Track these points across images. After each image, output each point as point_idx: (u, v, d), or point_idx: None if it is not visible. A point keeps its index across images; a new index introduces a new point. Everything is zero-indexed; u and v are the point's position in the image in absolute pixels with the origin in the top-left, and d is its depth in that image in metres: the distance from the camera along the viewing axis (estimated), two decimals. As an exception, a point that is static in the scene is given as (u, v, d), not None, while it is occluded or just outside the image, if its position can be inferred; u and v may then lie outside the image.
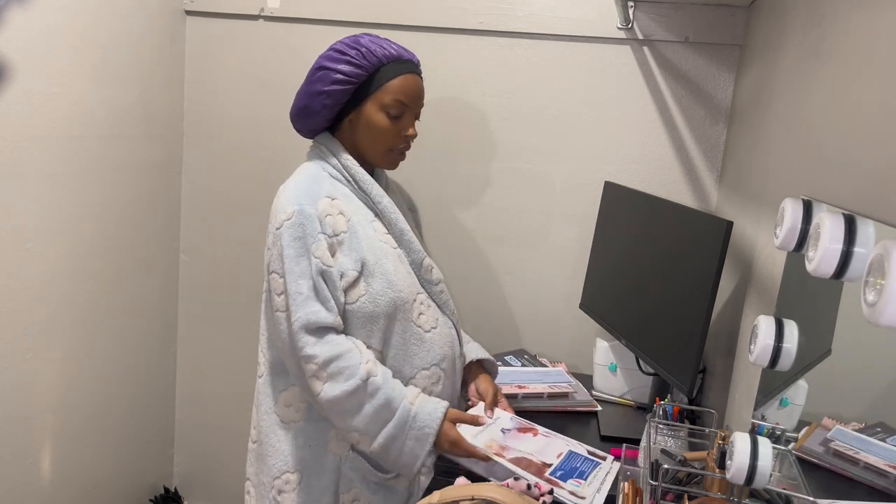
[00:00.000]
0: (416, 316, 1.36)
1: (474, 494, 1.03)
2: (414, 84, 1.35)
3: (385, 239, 1.36)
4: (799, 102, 1.12)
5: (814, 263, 0.65)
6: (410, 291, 1.36)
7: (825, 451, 0.78)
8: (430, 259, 1.43)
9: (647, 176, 1.90)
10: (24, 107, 1.63)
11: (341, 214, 1.32)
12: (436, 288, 1.42)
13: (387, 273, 1.32)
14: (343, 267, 1.29)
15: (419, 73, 1.37)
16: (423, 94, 1.38)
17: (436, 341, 1.38)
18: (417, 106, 1.38)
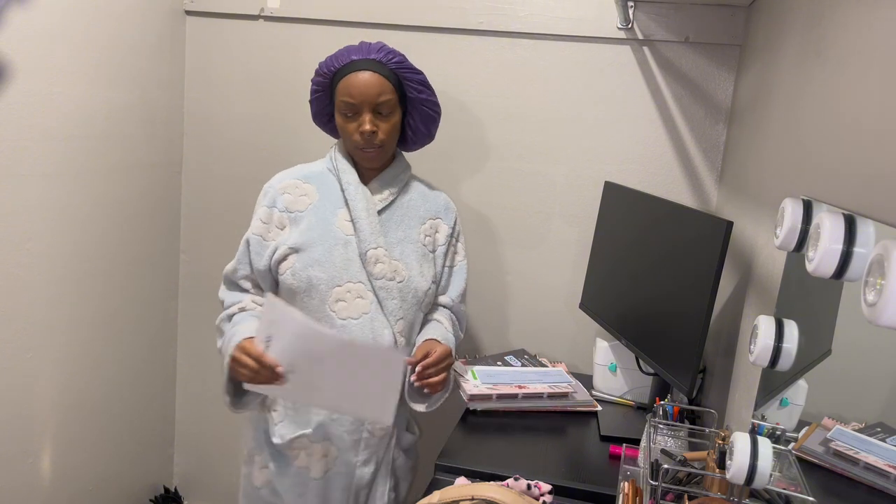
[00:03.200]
0: (332, 301, 1.41)
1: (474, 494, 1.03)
2: (357, 81, 1.38)
3: (343, 226, 1.44)
4: (799, 102, 1.12)
5: (814, 263, 0.65)
6: (337, 277, 1.41)
7: (825, 451, 0.78)
8: (380, 253, 1.43)
9: (647, 176, 1.90)
10: (24, 107, 1.63)
11: (305, 196, 1.47)
12: (377, 282, 1.43)
13: (314, 254, 1.41)
14: (282, 241, 1.44)
15: (371, 69, 1.38)
16: (376, 87, 1.38)
17: (349, 331, 1.41)
18: (366, 101, 1.39)
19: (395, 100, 1.42)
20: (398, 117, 1.44)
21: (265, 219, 1.47)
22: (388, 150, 1.45)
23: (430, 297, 1.52)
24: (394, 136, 1.45)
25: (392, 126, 1.43)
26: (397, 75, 1.43)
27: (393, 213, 1.49)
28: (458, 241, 1.60)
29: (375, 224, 1.44)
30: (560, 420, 1.60)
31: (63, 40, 1.72)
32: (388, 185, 1.50)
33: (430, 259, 1.52)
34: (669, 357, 1.40)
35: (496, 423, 1.55)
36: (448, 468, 1.36)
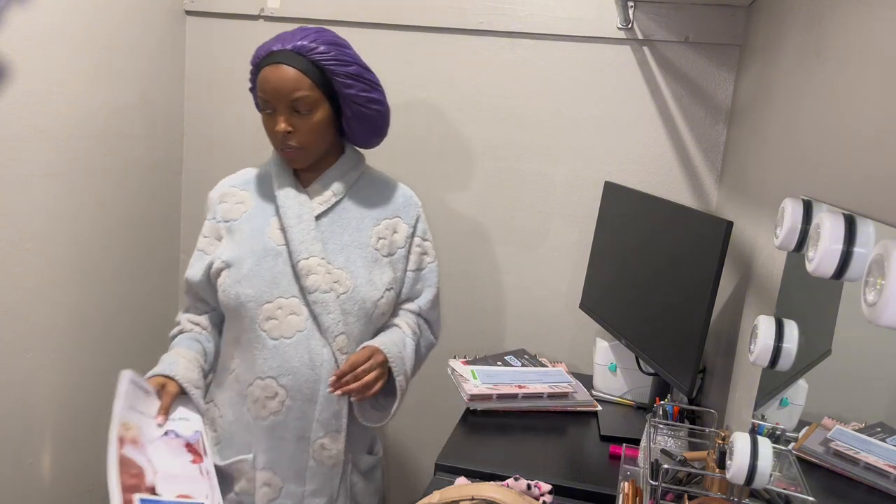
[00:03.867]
0: (262, 319, 1.29)
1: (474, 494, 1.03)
2: (270, 76, 1.25)
3: (275, 235, 1.33)
4: (799, 102, 1.12)
5: (814, 263, 0.65)
6: (267, 293, 1.29)
7: (825, 451, 0.78)
8: (313, 263, 1.29)
9: (647, 176, 1.90)
10: (24, 107, 1.63)
11: (241, 204, 1.37)
12: (311, 296, 1.29)
13: (242, 268, 1.30)
14: (218, 254, 1.35)
15: (287, 61, 1.24)
16: (290, 82, 1.24)
17: (282, 352, 1.29)
18: (280, 98, 1.25)
19: (315, 96, 1.26)
20: (323, 115, 1.28)
21: (207, 232, 1.39)
22: (312, 151, 1.31)
23: (385, 307, 1.37)
24: (318, 137, 1.29)
25: (314, 125, 1.28)
26: (321, 68, 1.26)
27: (338, 217, 1.36)
28: (424, 239, 1.45)
29: (310, 231, 1.31)
30: (560, 420, 1.60)
31: (63, 40, 1.72)
32: (330, 186, 1.37)
33: (384, 264, 1.37)
34: (669, 357, 1.40)
35: (496, 423, 1.55)
36: (448, 468, 1.36)
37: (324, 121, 1.29)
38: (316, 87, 1.26)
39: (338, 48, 1.28)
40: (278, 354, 1.29)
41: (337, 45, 1.28)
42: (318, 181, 1.36)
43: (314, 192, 1.35)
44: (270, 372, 1.30)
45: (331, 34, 1.30)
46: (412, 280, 1.44)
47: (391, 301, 1.39)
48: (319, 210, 1.34)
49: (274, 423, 1.31)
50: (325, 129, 1.30)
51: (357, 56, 1.31)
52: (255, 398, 1.32)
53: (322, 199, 1.35)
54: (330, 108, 1.29)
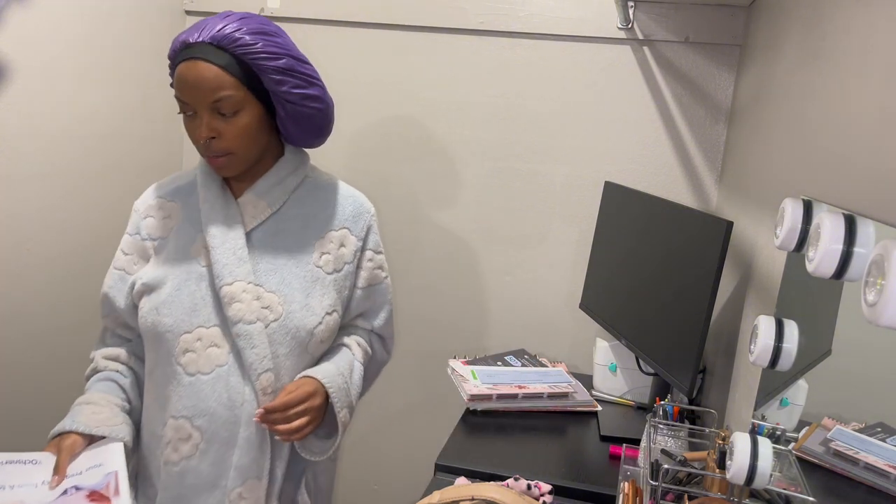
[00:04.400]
0: (179, 352, 1.13)
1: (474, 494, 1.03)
2: (186, 74, 1.07)
3: (199, 254, 1.16)
4: (799, 102, 1.12)
5: (814, 264, 0.65)
6: (185, 322, 1.13)
7: (825, 451, 0.78)
8: (237, 289, 1.12)
9: (647, 176, 1.90)
10: (24, 107, 1.63)
11: (168, 218, 1.20)
12: (234, 328, 1.12)
13: (161, 294, 1.15)
14: (139, 275, 1.19)
15: (204, 56, 1.06)
16: (208, 82, 1.06)
17: (198, 390, 1.13)
18: (198, 100, 1.08)
19: (239, 96, 1.08)
20: (252, 116, 1.11)
21: (127, 248, 1.22)
22: (241, 157, 1.13)
23: (325, 334, 1.20)
24: (248, 141, 1.12)
25: (241, 129, 1.10)
26: (246, 62, 1.08)
27: (274, 231, 1.19)
28: (377, 252, 1.29)
29: (237, 251, 1.14)
30: (560, 420, 1.60)
31: (63, 40, 1.72)
32: (266, 195, 1.19)
33: (327, 284, 1.20)
34: (669, 357, 1.40)
35: (496, 423, 1.55)
36: (448, 468, 1.36)
37: (253, 123, 1.11)
38: (241, 85, 1.08)
39: (266, 38, 1.09)
40: (194, 392, 1.13)
41: (265, 34, 1.10)
42: (252, 190, 1.18)
43: (246, 203, 1.18)
44: (184, 411, 1.13)
45: (258, 20, 1.11)
46: (362, 297, 1.28)
47: (332, 327, 1.22)
48: (252, 224, 1.17)
49: (185, 468, 1.14)
50: (255, 132, 1.13)
51: (290, 45, 1.14)
52: (167, 440, 1.15)
53: (255, 211, 1.18)
54: (261, 106, 1.12)
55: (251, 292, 1.13)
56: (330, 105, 1.20)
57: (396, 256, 2.09)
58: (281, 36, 1.13)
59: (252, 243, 1.17)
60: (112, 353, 1.24)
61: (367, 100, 2.05)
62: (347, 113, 2.06)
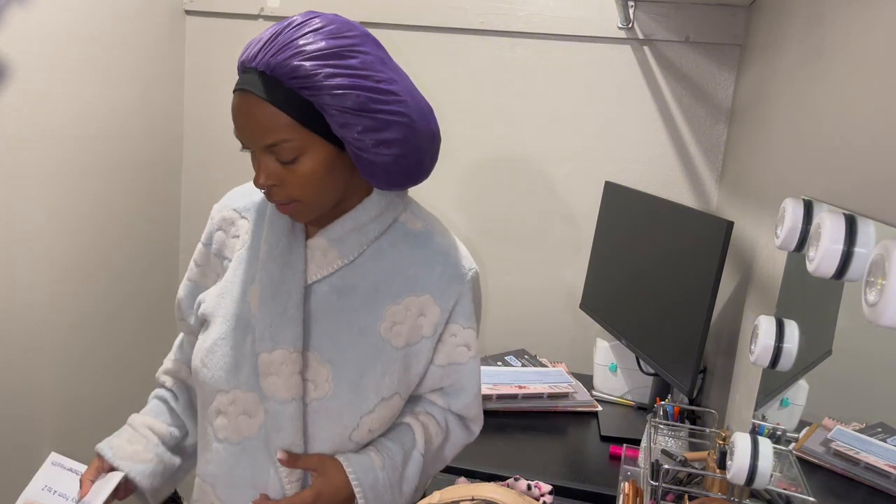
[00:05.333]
0: (213, 411, 0.98)
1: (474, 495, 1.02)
2: (236, 108, 0.88)
3: (254, 297, 0.97)
4: (799, 102, 1.12)
5: (814, 264, 0.65)
6: (223, 380, 0.96)
7: (826, 451, 0.77)
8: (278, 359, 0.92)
9: (647, 176, 1.90)
10: (24, 107, 1.63)
11: (237, 238, 1.02)
12: (265, 404, 0.94)
13: (210, 335, 0.98)
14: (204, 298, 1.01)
15: (252, 89, 0.85)
16: (258, 123, 0.86)
17: (224, 459, 0.98)
18: (249, 140, 0.89)
19: (299, 140, 0.86)
20: (319, 160, 0.88)
21: (199, 259, 1.06)
22: (313, 205, 0.91)
23: (376, 424, 0.98)
24: (317, 188, 0.89)
25: (306, 177, 0.88)
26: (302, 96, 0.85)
27: (341, 286, 0.97)
28: (465, 327, 1.01)
29: (290, 308, 0.93)
30: (560, 420, 1.59)
31: (63, 40, 1.71)
32: (339, 244, 0.96)
33: (393, 360, 0.97)
34: (670, 357, 1.40)
35: (496, 423, 1.55)
36: (448, 468, 1.36)
37: (320, 168, 0.88)
38: (300, 126, 0.86)
39: (334, 63, 0.84)
40: (220, 459, 0.98)
41: (335, 56, 0.84)
42: (323, 234, 0.97)
43: (315, 249, 0.97)
44: (209, 477, 1.00)
45: (329, 30, 0.86)
46: (440, 375, 1.03)
47: (387, 416, 0.99)
48: (317, 275, 0.96)
49: None
50: (325, 177, 0.89)
51: (371, 67, 0.87)
52: (194, 498, 1.05)
53: (324, 260, 0.96)
54: (331, 146, 0.89)
55: (293, 363, 0.93)
56: (419, 148, 0.92)
57: (396, 256, 2.09)
58: (358, 55, 0.86)
59: (312, 298, 0.96)
60: (173, 367, 1.11)
61: (367, 100, 2.05)
62: (347, 113, 2.06)
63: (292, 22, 0.87)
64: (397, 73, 0.92)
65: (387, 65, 0.90)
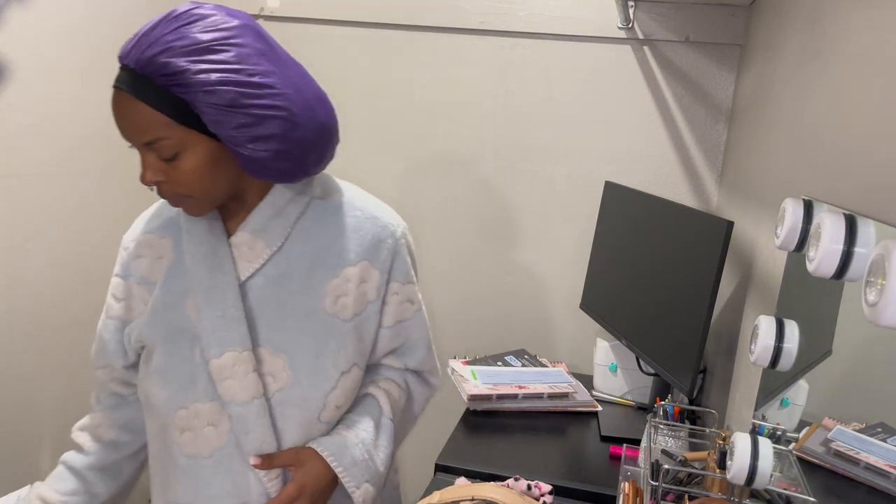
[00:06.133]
0: (175, 430, 0.95)
1: (474, 495, 1.02)
2: (112, 104, 0.86)
3: (193, 309, 0.95)
4: (799, 102, 1.12)
5: (814, 264, 0.65)
6: (180, 396, 0.94)
7: (826, 451, 0.77)
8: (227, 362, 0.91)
9: (647, 176, 1.90)
10: (23, 107, 1.63)
11: (161, 259, 0.99)
12: (227, 409, 0.92)
13: (151, 358, 0.96)
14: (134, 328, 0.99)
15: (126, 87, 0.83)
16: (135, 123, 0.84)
17: (197, 475, 0.95)
18: (129, 137, 0.86)
19: (177, 137, 0.84)
20: (201, 157, 0.86)
21: (119, 293, 1.02)
22: (205, 199, 0.90)
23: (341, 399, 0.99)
24: (205, 183, 0.88)
25: (190, 173, 0.87)
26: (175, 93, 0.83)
27: (276, 276, 0.96)
28: (406, 283, 1.05)
29: (229, 310, 0.92)
30: (560, 420, 1.59)
31: (63, 40, 1.72)
32: (265, 232, 0.95)
33: (345, 334, 0.98)
34: (670, 357, 1.40)
35: (496, 423, 1.55)
36: (448, 468, 1.36)
37: (204, 163, 0.87)
38: (175, 124, 0.84)
39: (204, 58, 0.81)
40: (194, 478, 0.96)
41: (206, 50, 0.82)
42: (245, 227, 0.95)
43: (240, 244, 0.95)
44: (184, 497, 0.97)
45: (203, 25, 0.84)
46: (390, 336, 1.06)
47: (351, 387, 1.01)
48: (248, 271, 0.95)
49: None
50: (212, 171, 0.88)
51: (245, 60, 0.84)
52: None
53: (252, 253, 0.95)
54: (212, 141, 0.87)
55: (245, 363, 0.92)
56: (302, 142, 0.89)
57: (396, 256, 2.09)
58: (232, 48, 0.83)
59: (250, 294, 0.95)
60: (91, 422, 1.08)
61: (366, 99, 2.05)
62: (347, 113, 2.06)
63: (168, 16, 0.86)
64: (279, 64, 0.88)
65: (266, 56, 0.86)
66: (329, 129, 0.94)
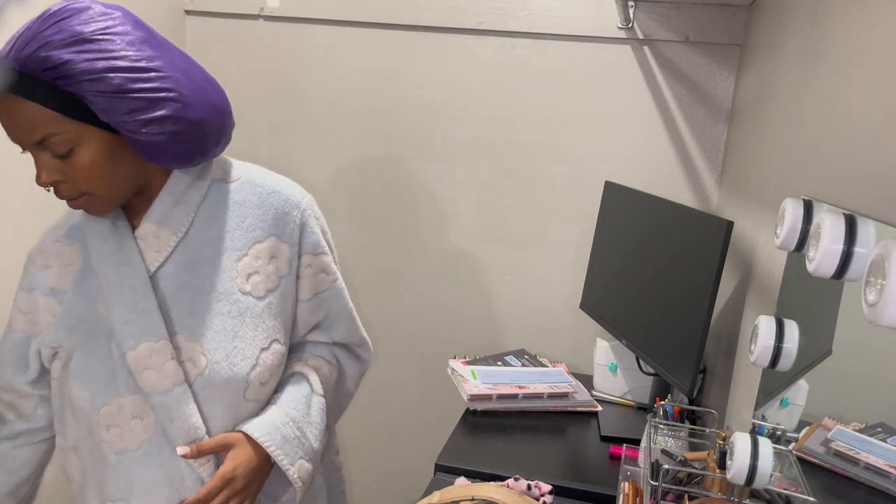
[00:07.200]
0: (102, 428, 0.95)
1: (474, 495, 1.02)
2: None
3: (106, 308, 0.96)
4: (799, 102, 1.12)
5: (814, 264, 0.65)
6: (102, 393, 0.95)
7: (826, 451, 0.77)
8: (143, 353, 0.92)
9: (647, 176, 1.90)
10: (23, 107, 1.63)
11: (70, 266, 0.98)
12: (150, 400, 0.93)
13: (71, 363, 0.96)
14: (44, 340, 0.98)
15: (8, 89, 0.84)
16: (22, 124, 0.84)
17: (128, 469, 0.96)
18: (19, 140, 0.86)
19: (68, 132, 0.85)
20: (96, 150, 0.87)
21: (25, 307, 1.00)
22: (106, 196, 0.91)
23: (265, 375, 1.00)
24: (104, 178, 0.89)
25: (87, 168, 0.87)
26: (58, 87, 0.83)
27: (185, 263, 0.97)
28: (317, 254, 1.06)
29: (140, 301, 0.93)
30: (560, 420, 1.60)
31: (63, 40, 1.71)
32: (169, 220, 0.97)
33: (260, 312, 0.99)
34: (670, 357, 1.40)
35: (496, 423, 1.55)
36: (448, 468, 1.36)
37: (100, 156, 0.87)
38: (65, 118, 0.84)
39: (83, 48, 0.82)
40: (125, 472, 0.96)
41: (84, 40, 0.83)
42: (148, 219, 0.96)
43: (146, 236, 0.96)
44: (119, 493, 0.97)
45: (82, 17, 0.85)
46: (309, 309, 1.08)
47: (274, 362, 1.01)
48: (157, 261, 0.96)
49: None
50: (109, 164, 0.88)
51: (127, 47, 0.86)
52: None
53: (158, 243, 0.96)
54: (106, 132, 0.88)
55: (163, 352, 0.92)
56: (197, 123, 0.90)
57: (396, 256, 2.09)
58: (113, 36, 0.85)
59: (162, 284, 0.96)
60: None
61: (366, 99, 2.05)
62: (346, 112, 2.06)
63: (44, 14, 0.86)
64: (163, 49, 0.91)
65: (148, 43, 0.90)
66: (222, 110, 0.97)
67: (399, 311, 2.11)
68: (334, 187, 2.09)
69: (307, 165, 2.10)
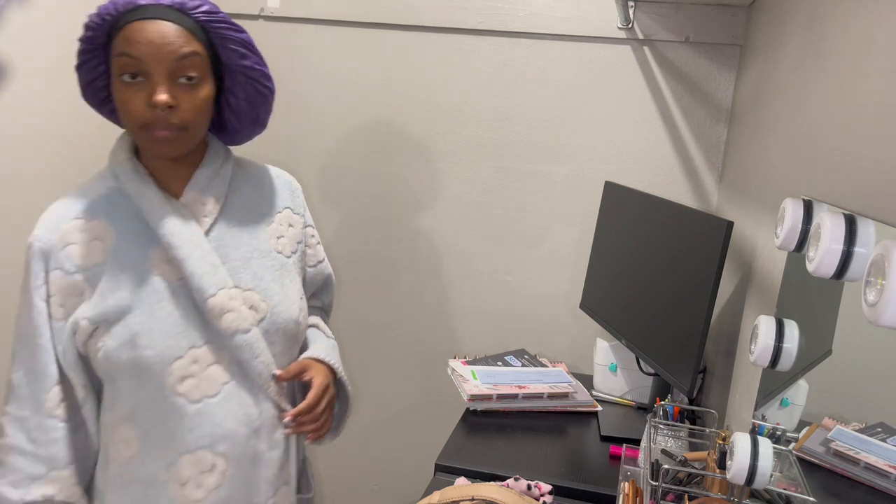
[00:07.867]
0: (175, 381, 1.00)
1: (474, 495, 1.03)
2: (146, 30, 0.93)
3: (164, 271, 1.01)
4: (799, 102, 1.12)
5: (814, 264, 0.65)
6: (175, 347, 1.00)
7: (825, 451, 0.77)
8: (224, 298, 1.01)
9: (647, 176, 1.90)
10: (23, 107, 1.63)
11: (98, 241, 1.01)
12: (232, 340, 1.02)
13: (131, 324, 0.99)
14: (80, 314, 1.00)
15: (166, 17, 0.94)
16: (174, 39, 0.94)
17: (209, 415, 1.02)
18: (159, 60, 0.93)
19: (204, 61, 0.98)
20: (209, 91, 0.99)
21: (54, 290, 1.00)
22: (193, 136, 1.00)
23: (305, 319, 1.16)
24: (203, 119, 1.00)
25: (201, 102, 0.98)
26: (207, 32, 0.99)
27: (228, 226, 1.08)
28: (314, 227, 1.26)
29: (208, 256, 1.02)
30: (560, 420, 1.60)
31: (63, 40, 1.71)
32: (210, 189, 1.07)
33: (291, 268, 1.14)
34: (670, 357, 1.40)
35: (496, 423, 1.55)
36: (448, 468, 1.36)
37: (209, 99, 1.00)
38: (205, 50, 0.98)
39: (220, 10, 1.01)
40: (205, 419, 1.02)
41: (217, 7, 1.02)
42: (193, 186, 1.06)
43: (193, 203, 1.05)
44: (202, 442, 1.02)
45: None
46: (314, 274, 1.25)
47: (307, 312, 1.19)
48: (207, 224, 1.05)
49: (216, 500, 1.05)
50: (209, 110, 1.01)
51: None
52: (183, 480, 1.02)
53: (205, 209, 1.06)
54: (213, 86, 1.01)
55: (238, 298, 1.03)
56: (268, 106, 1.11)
57: (396, 256, 2.09)
58: None
59: (213, 244, 1.05)
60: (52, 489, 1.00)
61: (366, 99, 2.05)
62: (346, 113, 2.06)
63: None
64: None
65: None
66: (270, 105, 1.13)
67: (399, 311, 2.11)
68: (334, 187, 2.09)
69: (307, 165, 2.10)
